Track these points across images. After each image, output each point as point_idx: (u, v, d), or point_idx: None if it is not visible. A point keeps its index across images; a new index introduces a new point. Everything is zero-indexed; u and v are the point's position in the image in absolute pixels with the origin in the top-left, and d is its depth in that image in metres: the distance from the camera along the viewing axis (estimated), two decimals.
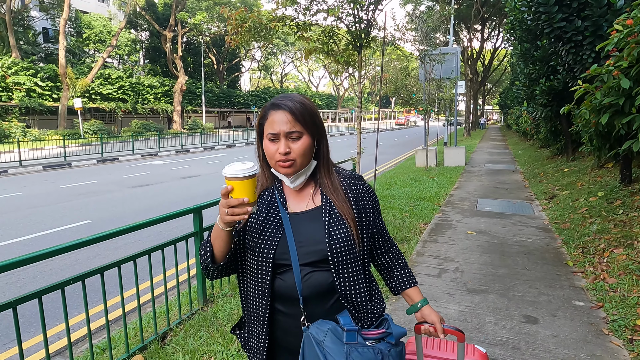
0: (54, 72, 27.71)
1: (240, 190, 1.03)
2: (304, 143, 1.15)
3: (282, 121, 1.13)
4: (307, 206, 1.22)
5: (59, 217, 7.17)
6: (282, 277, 1.17)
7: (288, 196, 1.24)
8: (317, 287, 1.15)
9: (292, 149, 1.14)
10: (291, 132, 1.13)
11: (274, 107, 1.16)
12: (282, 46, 49.34)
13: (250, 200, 1.04)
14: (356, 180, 1.29)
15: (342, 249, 1.16)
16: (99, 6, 43.25)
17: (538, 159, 12.98)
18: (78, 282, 2.35)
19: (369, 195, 1.29)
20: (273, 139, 1.15)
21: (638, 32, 3.84)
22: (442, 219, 6.26)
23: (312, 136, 1.18)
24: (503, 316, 3.19)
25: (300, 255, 1.15)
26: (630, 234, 4.51)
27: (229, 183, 1.04)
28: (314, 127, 1.18)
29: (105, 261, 4.93)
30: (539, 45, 8.63)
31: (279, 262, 1.16)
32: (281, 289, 1.17)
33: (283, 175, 1.18)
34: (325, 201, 1.21)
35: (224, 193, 1.04)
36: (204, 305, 3.49)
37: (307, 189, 1.25)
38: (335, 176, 1.26)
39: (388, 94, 15.28)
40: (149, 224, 2.82)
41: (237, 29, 5.04)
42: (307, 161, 1.18)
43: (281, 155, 1.13)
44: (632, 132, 4.29)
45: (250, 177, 1.04)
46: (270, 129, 1.15)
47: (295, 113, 1.14)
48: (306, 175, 1.21)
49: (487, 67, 34.66)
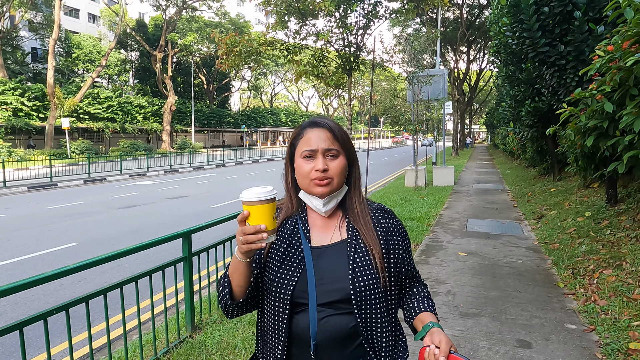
0: (42, 92, 27.56)
1: (257, 216, 0.95)
2: (341, 162, 1.11)
3: (321, 138, 1.10)
4: (331, 239, 1.14)
5: (43, 239, 7.00)
6: (297, 317, 1.08)
7: (312, 227, 1.16)
8: (335, 331, 1.05)
9: (329, 167, 1.09)
10: (330, 150, 1.10)
11: (312, 125, 1.13)
12: (272, 67, 49.83)
13: (268, 227, 0.95)
14: (385, 213, 1.21)
15: (367, 288, 1.07)
16: (89, 26, 43.48)
17: (525, 178, 13.15)
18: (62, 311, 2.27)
19: (399, 230, 1.20)
20: (309, 156, 1.10)
21: (619, 58, 3.95)
22: (432, 240, 6.25)
23: (347, 158, 1.14)
24: (496, 341, 3.16)
25: (319, 294, 1.06)
26: (619, 255, 4.54)
27: (245, 208, 0.96)
28: (350, 149, 1.15)
29: (90, 286, 4.82)
30: (523, 68, 8.82)
31: (297, 300, 1.07)
32: (297, 331, 1.07)
33: (317, 195, 1.11)
34: (351, 233, 1.13)
35: (240, 219, 0.97)
36: (192, 333, 3.40)
37: (334, 220, 1.17)
38: (366, 204, 1.20)
39: (377, 114, 15.45)
40: (137, 249, 2.76)
41: (227, 53, 5.08)
42: (342, 182, 1.13)
43: (318, 173, 1.08)
44: (617, 154, 4.38)
45: (268, 201, 0.96)
46: (306, 146, 1.11)
47: (335, 132, 1.12)
48: (337, 200, 1.15)
49: (473, 87, 35.41)
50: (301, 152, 1.11)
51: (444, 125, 15.99)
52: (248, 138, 51.07)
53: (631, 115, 3.59)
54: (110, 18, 38.21)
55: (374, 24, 7.74)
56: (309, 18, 6.63)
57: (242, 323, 3.51)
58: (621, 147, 4.03)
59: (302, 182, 1.13)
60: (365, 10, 7.38)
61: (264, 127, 52.46)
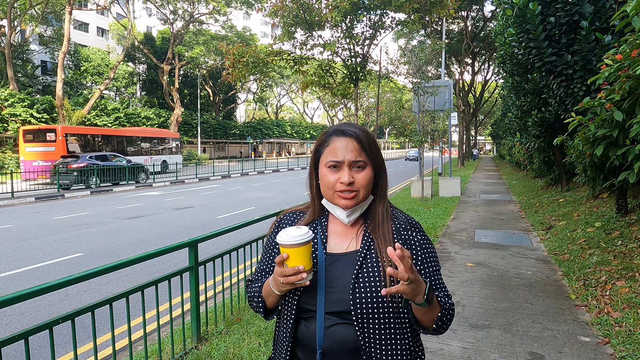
0: (51, 104, 27.91)
1: (296, 258, 0.99)
2: (367, 174, 1.07)
3: (348, 149, 1.06)
4: (347, 247, 1.11)
5: (50, 250, 7.01)
6: (307, 323, 1.07)
7: (331, 233, 1.14)
8: (341, 342, 1.02)
9: (355, 179, 1.05)
10: (357, 162, 1.05)
11: (338, 133, 1.09)
12: (278, 79, 50.25)
13: (306, 267, 0.99)
14: (409, 225, 1.13)
15: (369, 302, 1.01)
16: (98, 40, 44.22)
17: (532, 189, 13.04)
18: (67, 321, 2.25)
19: (421, 245, 1.11)
20: (334, 167, 1.06)
21: (628, 67, 3.93)
22: (440, 251, 6.18)
23: (374, 168, 1.10)
24: (508, 353, 3.09)
25: (327, 303, 1.04)
26: (631, 266, 4.46)
27: (283, 251, 1.00)
28: (377, 158, 1.11)
29: (96, 296, 4.80)
30: (529, 79, 8.82)
31: (304, 306, 1.06)
32: (303, 337, 1.07)
33: (341, 207, 1.08)
34: (365, 243, 1.09)
35: (278, 261, 0.99)
36: (197, 344, 3.35)
37: (354, 227, 1.14)
38: (389, 213, 1.14)
39: (382, 125, 15.47)
40: (143, 259, 2.74)
41: (234, 63, 5.12)
42: (368, 194, 1.10)
43: (344, 186, 1.04)
44: (627, 164, 4.33)
45: (304, 243, 0.99)
46: (332, 156, 1.06)
47: (362, 141, 1.07)
48: (362, 210, 1.12)
49: (478, 99, 35.42)
50: (326, 161, 1.07)
51: (449, 136, 15.96)
52: (255, 150, 51.35)
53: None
54: (118, 32, 38.88)
55: (380, 34, 7.81)
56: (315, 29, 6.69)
57: (249, 334, 3.46)
58: (632, 156, 3.98)
59: (326, 192, 1.10)
60: (371, 20, 7.44)
61: (270, 139, 52.71)
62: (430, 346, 3.21)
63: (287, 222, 1.21)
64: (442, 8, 9.77)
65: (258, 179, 22.77)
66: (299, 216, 1.21)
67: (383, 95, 27.16)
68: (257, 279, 1.23)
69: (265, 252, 1.24)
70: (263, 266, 1.23)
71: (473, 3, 25.11)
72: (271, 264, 1.20)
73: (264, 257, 1.24)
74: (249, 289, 1.22)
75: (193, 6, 34.94)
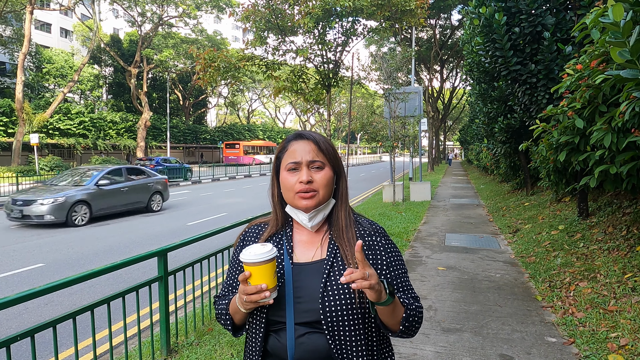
0: (9, 107, 26.67)
1: (259, 276, 0.98)
2: (326, 173, 1.09)
3: (305, 150, 1.08)
4: (313, 256, 1.11)
5: (8, 260, 6.65)
6: (277, 335, 1.06)
7: (297, 243, 1.14)
8: (313, 352, 1.02)
9: (314, 178, 1.07)
10: (314, 161, 1.08)
11: (297, 137, 1.12)
12: (250, 83, 49.89)
13: (269, 285, 0.98)
14: (373, 231, 1.15)
15: (340, 310, 1.02)
16: (62, 41, 42.67)
17: (499, 193, 13.44)
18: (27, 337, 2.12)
19: (386, 250, 1.13)
20: (294, 169, 1.08)
21: (588, 76, 4.11)
22: (412, 255, 6.26)
23: (333, 170, 1.12)
24: (480, 356, 3.15)
25: (297, 313, 1.03)
26: (593, 267, 4.64)
27: (246, 269, 0.98)
28: (336, 161, 1.13)
29: (58, 309, 4.58)
30: (496, 86, 9.11)
31: (273, 318, 1.05)
32: (274, 349, 1.06)
33: (302, 209, 1.09)
34: (331, 251, 1.09)
35: (241, 279, 0.98)
36: (167, 356, 3.25)
37: (319, 235, 1.14)
38: (352, 219, 1.15)
39: (354, 130, 15.60)
40: (110, 269, 2.64)
41: (205, 67, 5.04)
42: (328, 195, 1.11)
43: (302, 185, 1.06)
44: (588, 169, 4.52)
45: (267, 261, 0.98)
46: (290, 158, 1.09)
47: (319, 144, 1.10)
48: (324, 214, 1.12)
49: (447, 105, 36.33)
50: (286, 164, 1.10)
51: (420, 141, 16.25)
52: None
53: (601, 130, 3.71)
54: (83, 33, 37.55)
55: (352, 41, 7.90)
56: (287, 35, 6.69)
57: (221, 345, 3.38)
58: (592, 161, 4.16)
59: (287, 195, 1.11)
60: (343, 27, 7.52)
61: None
62: (403, 351, 3.23)
63: (252, 235, 1.20)
64: (413, 16, 9.99)
65: (229, 184, 22.47)
66: (263, 228, 1.21)
67: (354, 101, 27.43)
68: (225, 295, 1.21)
69: (231, 267, 1.22)
70: (230, 281, 1.21)
71: (441, 12, 25.77)
72: (237, 280, 1.18)
73: (229, 273, 1.22)
74: (216, 305, 1.20)
75: (162, 9, 34.28)
